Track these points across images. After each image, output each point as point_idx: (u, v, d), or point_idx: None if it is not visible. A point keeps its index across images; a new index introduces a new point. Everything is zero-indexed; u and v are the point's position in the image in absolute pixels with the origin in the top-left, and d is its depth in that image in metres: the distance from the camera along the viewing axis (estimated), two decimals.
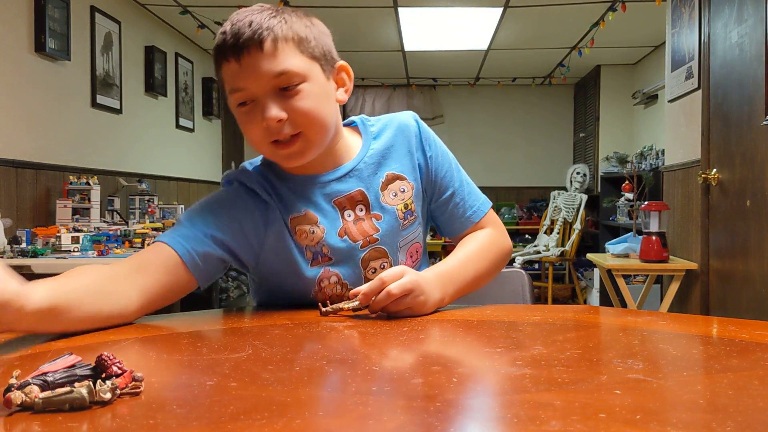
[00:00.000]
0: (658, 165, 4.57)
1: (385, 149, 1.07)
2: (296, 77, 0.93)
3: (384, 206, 1.05)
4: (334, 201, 1.03)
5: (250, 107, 0.94)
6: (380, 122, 1.11)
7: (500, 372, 0.65)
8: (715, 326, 0.90)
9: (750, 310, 2.69)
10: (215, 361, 0.68)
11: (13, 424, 0.48)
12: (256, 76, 0.91)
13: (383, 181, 1.06)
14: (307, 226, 1.01)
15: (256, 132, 0.95)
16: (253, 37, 0.90)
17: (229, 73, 0.93)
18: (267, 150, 0.97)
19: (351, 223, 1.03)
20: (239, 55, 0.91)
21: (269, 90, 0.92)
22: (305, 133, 0.95)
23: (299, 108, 0.93)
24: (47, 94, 3.35)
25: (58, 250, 2.66)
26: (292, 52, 0.93)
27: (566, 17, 4.64)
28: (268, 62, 0.91)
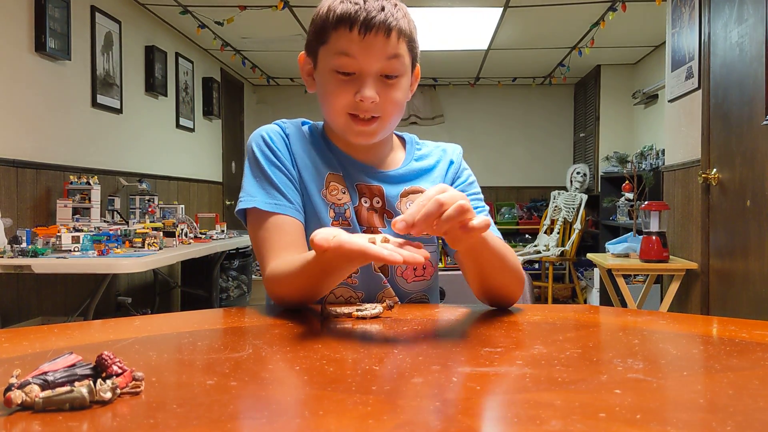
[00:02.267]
0: (658, 165, 4.57)
1: (422, 169, 1.14)
2: (400, 70, 1.01)
3: (397, 210, 1.09)
4: (357, 185, 1.09)
5: (349, 78, 1.00)
6: (427, 148, 1.18)
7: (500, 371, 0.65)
8: (715, 326, 0.90)
9: (750, 310, 2.69)
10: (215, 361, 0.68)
11: (14, 424, 0.48)
12: (372, 55, 0.98)
13: (406, 189, 1.11)
14: (339, 185, 1.07)
15: (342, 101, 1.00)
16: (384, 21, 0.97)
17: (345, 40, 0.98)
18: (343, 120, 1.02)
19: (364, 209, 1.08)
20: (366, 32, 0.97)
21: (376, 72, 0.99)
22: (384, 119, 1.03)
23: (391, 96, 1.01)
24: (47, 93, 3.35)
25: (59, 250, 2.66)
26: (404, 48, 1.02)
27: (566, 17, 4.64)
28: (387, 49, 0.98)
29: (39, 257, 2.53)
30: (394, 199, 1.09)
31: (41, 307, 3.25)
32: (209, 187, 5.80)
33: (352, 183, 1.08)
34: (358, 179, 1.09)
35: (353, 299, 1.07)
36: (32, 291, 3.18)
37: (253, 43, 5.40)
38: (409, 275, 1.11)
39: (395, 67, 1.00)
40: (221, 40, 5.27)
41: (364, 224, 1.07)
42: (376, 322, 0.88)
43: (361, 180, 1.09)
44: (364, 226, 1.07)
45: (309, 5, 4.34)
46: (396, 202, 1.10)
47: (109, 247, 2.72)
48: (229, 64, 6.18)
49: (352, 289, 1.08)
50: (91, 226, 3.03)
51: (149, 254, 2.74)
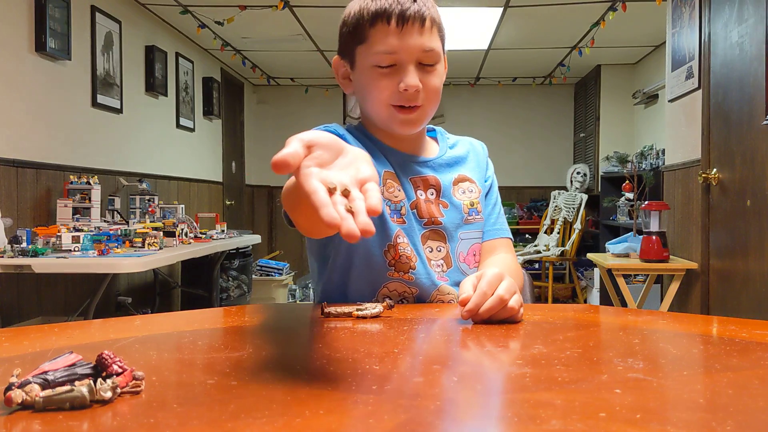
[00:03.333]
0: (658, 165, 4.57)
1: (458, 156, 1.18)
2: (436, 57, 1.04)
3: (452, 198, 1.13)
4: (410, 178, 1.11)
5: (389, 70, 1.02)
6: (455, 138, 1.24)
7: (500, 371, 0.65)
8: (715, 325, 0.90)
9: (750, 310, 2.69)
10: (216, 360, 0.68)
11: (14, 423, 0.48)
12: (411, 45, 1.01)
13: (455, 178, 1.15)
14: (395, 183, 1.09)
15: (385, 92, 1.03)
16: (418, 11, 1.01)
17: (384, 34, 1.01)
18: (386, 111, 1.05)
19: (422, 201, 1.10)
20: (403, 23, 1.00)
21: (414, 61, 1.02)
22: (425, 106, 1.06)
23: (431, 84, 1.04)
24: (48, 93, 3.35)
25: (59, 250, 2.66)
26: (436, 35, 1.05)
27: (566, 17, 4.64)
28: (423, 38, 1.02)
29: (39, 257, 2.53)
30: (448, 187, 1.13)
31: (41, 306, 3.25)
32: (209, 187, 5.80)
33: (407, 176, 1.11)
34: (410, 172, 1.11)
35: (407, 295, 1.08)
36: (32, 291, 3.18)
37: (253, 42, 5.39)
38: (470, 261, 1.13)
39: (433, 54, 1.03)
40: (221, 39, 5.27)
41: (425, 217, 1.10)
42: (376, 321, 0.88)
43: (414, 172, 1.12)
44: (425, 218, 1.10)
45: (309, 5, 4.34)
46: (450, 190, 1.13)
47: (110, 247, 2.72)
48: (230, 64, 6.18)
49: (407, 285, 1.08)
50: (91, 226, 3.03)
51: (149, 254, 2.74)
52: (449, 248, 1.11)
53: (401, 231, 1.07)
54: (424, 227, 1.09)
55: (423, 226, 1.09)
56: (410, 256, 1.07)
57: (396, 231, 1.06)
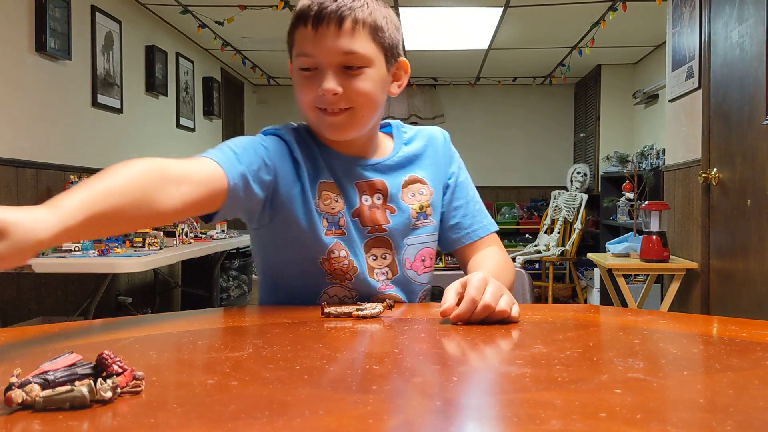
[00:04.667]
0: (658, 164, 4.57)
1: (413, 155, 1.13)
2: (362, 60, 0.99)
3: (400, 202, 1.08)
4: (356, 183, 1.07)
5: (312, 73, 1.00)
6: (412, 131, 1.17)
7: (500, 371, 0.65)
8: (716, 326, 0.90)
9: (750, 310, 2.69)
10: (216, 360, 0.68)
11: (14, 423, 0.48)
12: (327, 48, 0.97)
13: (405, 180, 1.10)
14: (332, 194, 1.05)
15: (308, 96, 1.00)
16: (336, 12, 0.96)
17: (301, 37, 0.99)
18: (313, 115, 1.02)
19: (366, 208, 1.06)
20: (318, 25, 0.97)
21: (334, 64, 0.98)
22: (355, 110, 1.00)
23: (357, 87, 0.99)
24: (48, 93, 3.35)
25: (59, 250, 2.66)
26: (366, 37, 0.99)
27: (567, 17, 4.64)
28: (341, 40, 0.97)
29: (39, 257, 2.53)
30: (396, 191, 1.09)
31: (42, 306, 3.25)
32: None
33: (351, 181, 1.06)
34: (356, 176, 1.06)
35: (348, 299, 1.07)
36: (33, 291, 3.18)
37: (253, 42, 5.39)
38: (418, 267, 1.11)
39: (355, 57, 0.98)
40: (221, 39, 5.27)
41: (368, 224, 1.06)
42: (377, 321, 0.88)
43: (360, 176, 1.07)
44: (368, 225, 1.06)
45: None
46: (398, 193, 1.09)
47: (110, 247, 2.72)
48: (230, 64, 6.18)
49: (347, 290, 1.06)
50: None
51: (149, 254, 2.74)
52: (395, 255, 1.08)
53: (339, 243, 1.04)
54: (368, 235, 1.06)
55: (366, 234, 1.06)
56: (347, 268, 1.04)
57: (332, 244, 1.03)
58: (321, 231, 1.03)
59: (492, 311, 0.83)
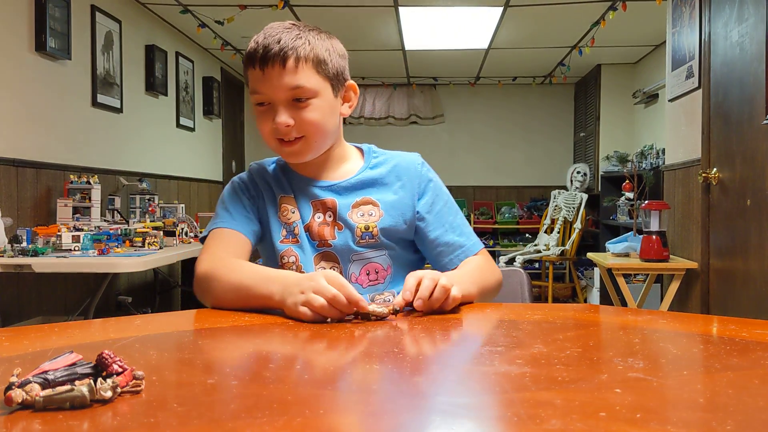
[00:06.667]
0: (658, 164, 4.57)
1: (373, 179, 1.20)
2: (309, 93, 1.08)
3: (347, 220, 1.16)
4: (312, 201, 1.18)
5: (266, 108, 1.10)
6: (383, 156, 1.24)
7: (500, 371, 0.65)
8: (716, 325, 0.91)
9: (750, 309, 2.69)
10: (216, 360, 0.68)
11: (14, 423, 0.48)
12: (275, 86, 1.07)
13: (358, 200, 1.18)
14: (289, 206, 1.18)
15: (266, 129, 1.11)
16: (279, 53, 1.06)
17: (253, 77, 1.09)
18: (273, 144, 1.13)
19: (316, 224, 1.17)
20: (264, 66, 1.06)
21: (284, 99, 1.08)
22: (307, 138, 1.11)
23: (306, 118, 1.09)
24: (48, 93, 3.35)
25: (59, 249, 2.66)
26: (310, 72, 1.08)
27: (567, 16, 4.64)
28: (287, 77, 1.06)
29: (39, 256, 2.53)
30: (345, 210, 1.16)
31: (42, 306, 3.25)
32: (209, 187, 5.80)
33: (308, 200, 1.18)
34: (312, 196, 1.18)
35: None
36: (33, 290, 3.18)
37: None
38: (363, 281, 1.17)
39: (302, 90, 1.07)
40: (221, 39, 5.27)
41: (315, 238, 1.16)
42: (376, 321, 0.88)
43: (315, 196, 1.18)
44: (317, 240, 1.16)
45: (310, 4, 4.34)
46: (347, 212, 1.16)
47: (110, 247, 2.72)
48: (230, 64, 6.18)
49: None
50: (91, 226, 3.03)
51: (149, 253, 2.74)
52: (342, 269, 1.16)
53: (291, 249, 1.16)
54: (317, 249, 1.16)
55: (316, 248, 1.16)
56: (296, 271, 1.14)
57: (284, 250, 1.16)
58: (277, 239, 1.16)
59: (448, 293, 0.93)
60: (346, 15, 4.58)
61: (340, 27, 4.87)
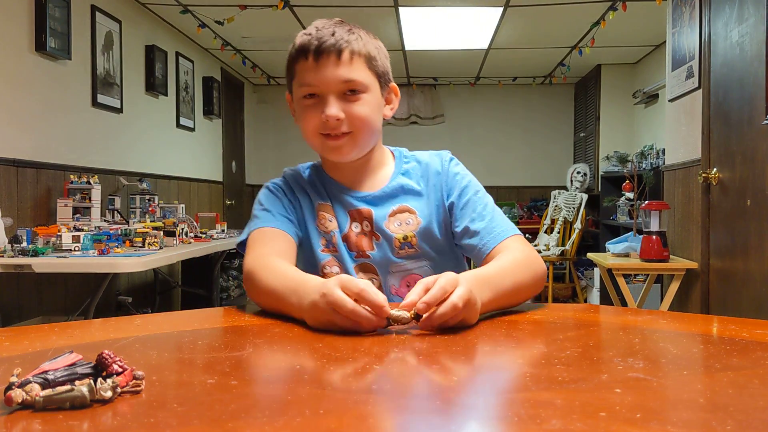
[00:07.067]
0: (658, 164, 4.57)
1: (407, 186, 1.18)
2: (360, 86, 1.08)
3: (385, 231, 1.14)
4: (349, 210, 1.16)
5: (314, 101, 1.09)
6: (413, 161, 1.22)
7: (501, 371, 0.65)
8: (716, 325, 0.91)
9: (750, 309, 2.69)
10: (216, 360, 0.68)
11: (14, 423, 0.48)
12: (328, 77, 1.06)
13: (394, 209, 1.16)
14: (327, 214, 1.16)
15: (312, 122, 1.09)
16: (334, 45, 1.06)
17: (304, 69, 1.08)
18: (317, 140, 1.11)
19: (354, 234, 1.15)
20: (319, 57, 1.06)
21: (335, 92, 1.07)
22: (354, 134, 1.10)
23: (356, 112, 1.08)
24: (48, 93, 3.35)
25: (59, 250, 2.66)
26: (362, 66, 1.09)
27: (567, 16, 4.64)
28: (342, 69, 1.06)
29: (39, 257, 2.53)
30: (382, 220, 1.14)
31: (42, 306, 3.25)
32: (209, 187, 5.80)
33: (345, 209, 1.16)
34: (349, 205, 1.16)
35: None
36: (33, 290, 3.18)
37: (253, 42, 5.39)
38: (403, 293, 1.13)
39: (353, 84, 1.07)
40: (221, 39, 5.27)
41: (353, 249, 1.14)
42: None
43: (352, 205, 1.16)
44: (354, 251, 1.14)
45: (309, 5, 4.33)
46: (384, 222, 1.14)
47: (110, 247, 2.72)
48: (230, 64, 6.18)
49: None
50: (91, 226, 3.03)
51: (149, 254, 2.74)
52: (381, 281, 1.14)
53: (334, 259, 1.14)
54: (355, 260, 1.14)
55: (354, 259, 1.14)
56: None
57: (325, 260, 1.14)
58: (318, 248, 1.15)
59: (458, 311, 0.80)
60: (346, 15, 4.55)
61: None
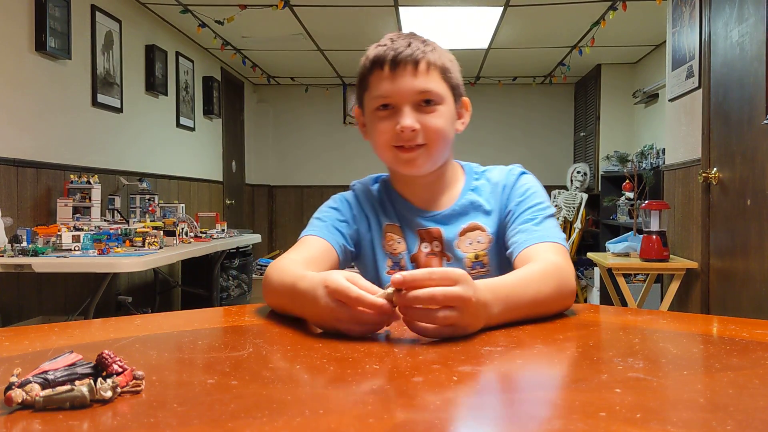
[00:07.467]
0: (658, 164, 4.57)
1: (476, 202, 1.16)
2: (436, 97, 1.07)
3: (456, 251, 1.12)
4: (417, 230, 1.14)
5: (388, 112, 1.07)
6: (484, 176, 1.21)
7: (500, 371, 0.65)
8: (716, 325, 0.91)
9: (750, 309, 2.69)
10: (216, 360, 0.68)
11: (14, 423, 0.48)
12: (405, 87, 1.05)
13: (464, 227, 1.13)
14: (395, 236, 1.15)
15: (385, 135, 1.07)
16: (411, 54, 1.05)
17: (379, 79, 1.07)
18: (389, 153, 1.09)
19: (423, 255, 1.13)
20: (395, 67, 1.05)
21: (411, 102, 1.06)
22: (429, 146, 1.07)
23: (431, 124, 1.06)
24: (48, 93, 3.35)
25: (59, 249, 2.66)
26: (437, 78, 1.08)
27: (567, 16, 4.64)
28: (418, 79, 1.05)
29: (39, 256, 2.53)
30: (452, 240, 1.12)
31: (42, 306, 3.25)
32: (209, 186, 5.80)
33: (413, 229, 1.14)
34: (418, 225, 1.14)
35: None
36: (33, 290, 3.18)
37: (253, 42, 5.39)
38: None
39: (429, 95, 1.06)
40: (221, 39, 5.27)
41: None
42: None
43: (420, 225, 1.14)
44: None
45: (309, 4, 4.33)
46: (455, 242, 1.12)
47: (110, 246, 2.72)
48: (230, 63, 6.18)
49: None
50: (91, 226, 3.03)
51: (149, 253, 2.74)
52: None
53: None
54: None
55: None
56: None
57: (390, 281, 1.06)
58: (383, 270, 1.14)
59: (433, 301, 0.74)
60: (346, 15, 4.58)
61: (340, 27, 4.88)
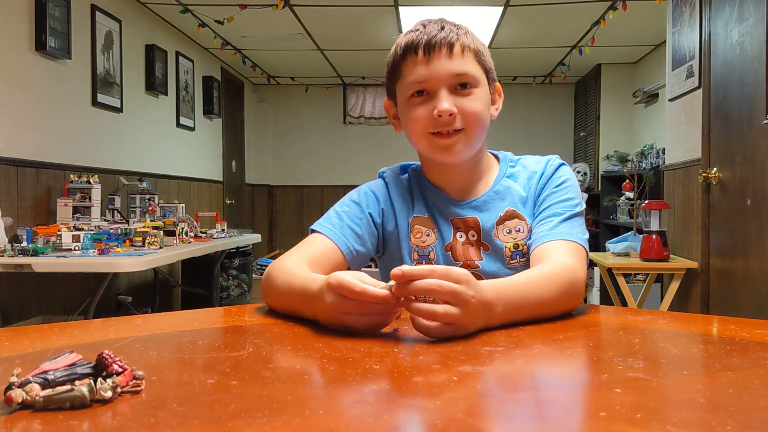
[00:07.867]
0: (658, 164, 4.57)
1: (513, 188, 1.12)
2: (472, 80, 1.04)
3: (494, 240, 1.09)
4: (451, 219, 1.11)
5: (424, 98, 1.04)
6: (520, 163, 1.18)
7: (500, 371, 0.65)
8: (716, 325, 0.90)
9: (750, 309, 2.69)
10: (216, 360, 0.68)
11: (14, 423, 0.48)
12: (441, 71, 1.03)
13: (501, 215, 1.10)
14: (424, 228, 1.11)
15: (421, 121, 1.04)
16: (446, 38, 1.04)
17: (413, 65, 1.04)
18: (425, 139, 1.06)
19: (460, 244, 1.09)
20: (430, 51, 1.03)
21: (447, 86, 1.03)
22: (467, 131, 1.05)
23: (468, 108, 1.03)
24: (48, 92, 3.35)
25: (59, 249, 2.66)
26: (472, 60, 1.06)
27: (567, 16, 4.64)
28: (453, 62, 1.03)
29: (39, 256, 2.53)
30: (490, 229, 1.08)
31: (41, 306, 3.25)
32: (209, 186, 5.80)
33: (446, 218, 1.11)
34: (452, 213, 1.11)
35: None
36: (33, 290, 3.18)
37: (253, 41, 5.39)
38: None
39: (465, 77, 1.03)
40: (221, 38, 5.27)
41: (460, 259, 1.08)
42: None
43: (455, 214, 1.10)
44: (461, 261, 1.08)
45: (309, 4, 4.33)
46: (493, 231, 1.08)
47: (110, 246, 2.72)
48: (230, 63, 6.18)
49: None
50: (91, 225, 3.03)
51: (149, 253, 2.74)
52: None
53: None
54: None
55: None
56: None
57: None
58: (408, 262, 1.09)
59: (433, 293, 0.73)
60: (346, 15, 4.58)
61: (340, 27, 4.88)
